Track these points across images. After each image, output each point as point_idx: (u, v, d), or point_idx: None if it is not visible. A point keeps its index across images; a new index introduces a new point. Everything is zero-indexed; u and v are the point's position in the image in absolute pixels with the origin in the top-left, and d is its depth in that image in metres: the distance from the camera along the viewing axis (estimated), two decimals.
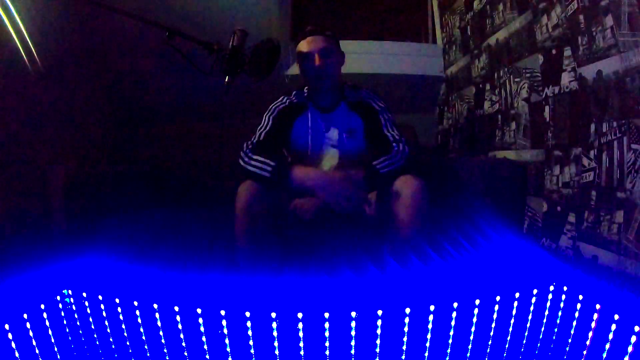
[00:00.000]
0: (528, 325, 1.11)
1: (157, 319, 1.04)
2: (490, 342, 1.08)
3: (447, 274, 1.11)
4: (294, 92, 1.71)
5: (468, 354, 1.07)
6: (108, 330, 1.10)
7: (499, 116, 2.21)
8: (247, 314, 0.99)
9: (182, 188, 2.05)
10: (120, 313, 1.08)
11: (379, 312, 0.99)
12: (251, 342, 1.00)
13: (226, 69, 1.57)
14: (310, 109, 1.67)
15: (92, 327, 1.12)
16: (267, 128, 1.62)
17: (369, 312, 0.99)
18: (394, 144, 1.54)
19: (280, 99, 1.70)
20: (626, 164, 1.37)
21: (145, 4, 1.89)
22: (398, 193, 1.38)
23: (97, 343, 1.13)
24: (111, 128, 2.57)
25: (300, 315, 0.98)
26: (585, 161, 1.56)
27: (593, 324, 1.02)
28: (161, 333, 1.05)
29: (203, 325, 1.01)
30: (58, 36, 2.07)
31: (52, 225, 1.57)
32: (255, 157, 1.47)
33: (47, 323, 1.07)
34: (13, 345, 1.00)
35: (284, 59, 2.61)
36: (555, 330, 1.11)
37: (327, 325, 0.98)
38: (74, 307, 1.13)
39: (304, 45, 1.59)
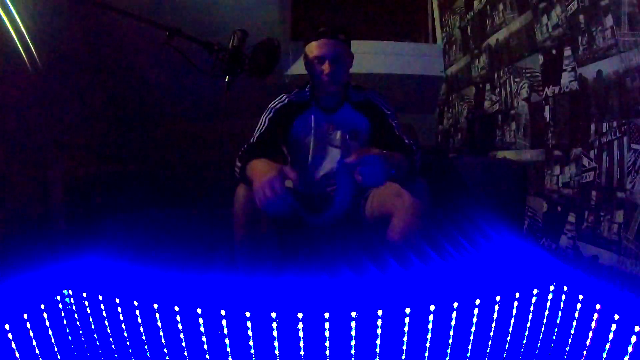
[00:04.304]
0: (528, 325, 1.10)
1: (157, 319, 1.04)
2: (490, 342, 1.08)
3: (447, 274, 1.10)
4: (295, 90, 1.67)
5: (468, 354, 1.07)
6: (108, 330, 1.10)
7: (499, 116, 2.21)
8: (247, 314, 0.99)
9: (181, 188, 2.05)
10: (120, 313, 1.08)
11: (379, 312, 0.99)
12: (251, 342, 1.00)
13: (226, 69, 1.57)
14: (314, 108, 1.64)
15: (92, 327, 1.12)
16: (262, 130, 1.59)
17: (369, 312, 0.99)
18: (414, 146, 1.52)
19: (280, 97, 1.65)
20: (626, 164, 1.36)
21: (145, 4, 1.89)
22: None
23: (97, 343, 1.13)
24: (111, 128, 2.57)
25: (300, 315, 0.98)
26: (585, 161, 1.56)
27: (593, 324, 1.02)
28: (161, 333, 1.05)
29: (203, 325, 1.01)
30: (58, 36, 2.07)
31: (52, 225, 1.57)
32: (238, 163, 1.46)
33: (47, 323, 1.07)
34: (13, 345, 1.00)
35: (284, 59, 2.62)
36: (555, 330, 1.11)
37: (327, 325, 0.98)
38: (74, 307, 1.12)
39: (315, 48, 1.54)
